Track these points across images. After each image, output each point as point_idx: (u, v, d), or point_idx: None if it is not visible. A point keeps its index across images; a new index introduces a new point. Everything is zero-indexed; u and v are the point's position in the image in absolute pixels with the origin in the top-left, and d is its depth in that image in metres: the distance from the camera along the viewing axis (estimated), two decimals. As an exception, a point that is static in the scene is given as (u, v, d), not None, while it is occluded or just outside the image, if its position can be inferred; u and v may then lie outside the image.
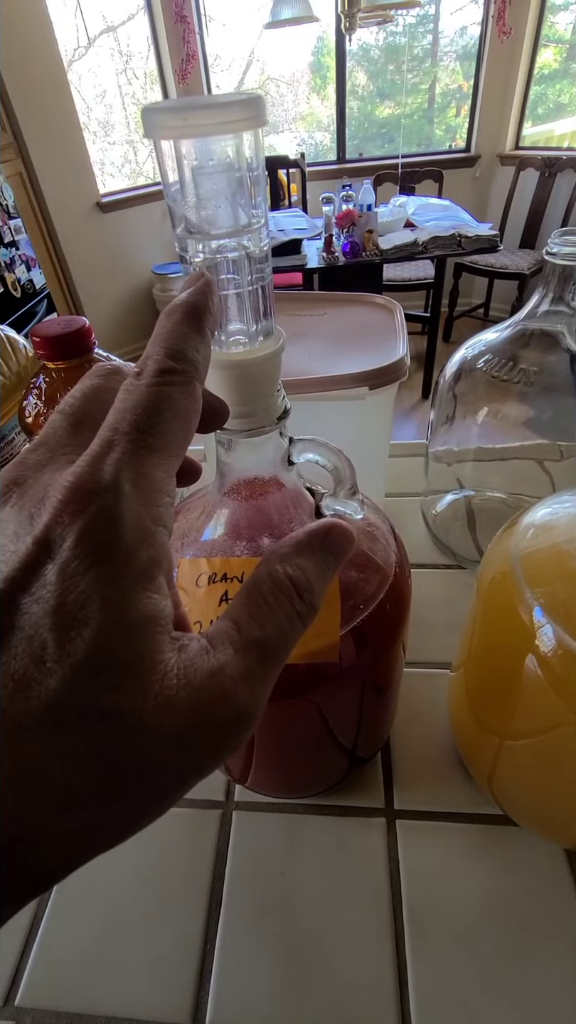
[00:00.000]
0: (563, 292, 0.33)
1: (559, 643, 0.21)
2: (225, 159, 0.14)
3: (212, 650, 0.12)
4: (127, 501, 0.11)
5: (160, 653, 0.11)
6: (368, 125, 2.95)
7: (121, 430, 0.12)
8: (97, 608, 0.10)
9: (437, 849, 0.29)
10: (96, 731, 0.10)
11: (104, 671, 0.10)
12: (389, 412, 0.35)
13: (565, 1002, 0.24)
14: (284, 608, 0.13)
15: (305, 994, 0.25)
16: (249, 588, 0.13)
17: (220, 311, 0.15)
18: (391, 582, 0.24)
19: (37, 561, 0.10)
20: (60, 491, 0.11)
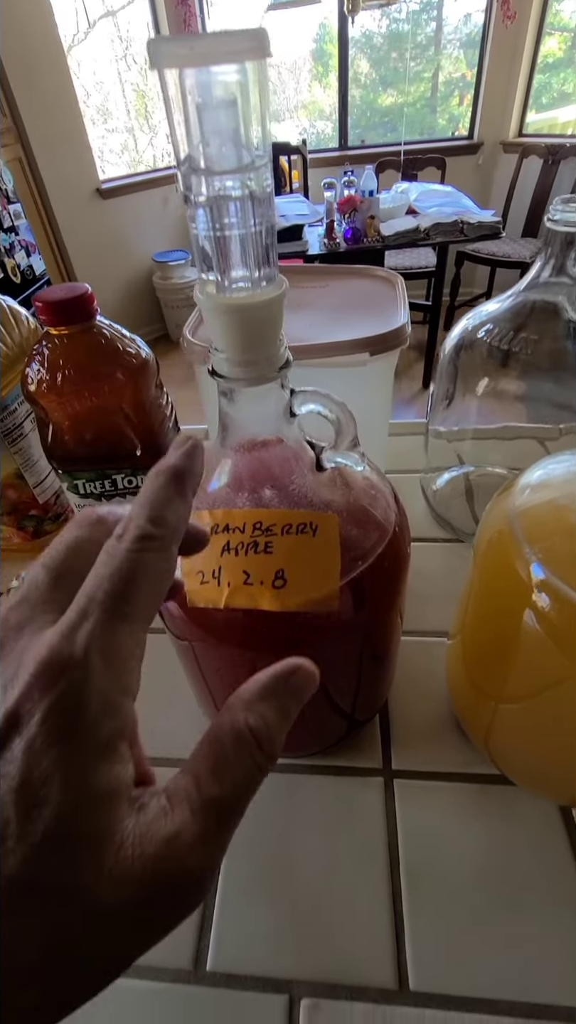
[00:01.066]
0: (564, 261, 0.33)
1: (559, 596, 0.21)
2: (229, 94, 0.14)
3: (171, 811, 0.12)
4: (95, 676, 0.11)
5: (118, 823, 0.11)
6: (370, 114, 2.91)
7: (96, 599, 0.12)
8: (58, 786, 0.11)
9: (434, 807, 0.30)
10: (51, 910, 0.10)
11: (63, 849, 0.10)
12: (389, 380, 0.35)
13: (557, 954, 0.25)
14: (244, 762, 0.13)
15: (304, 945, 0.26)
16: (211, 738, 0.13)
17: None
18: (390, 540, 0.24)
19: (6, 735, 0.11)
20: (32, 664, 0.11)
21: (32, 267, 1.89)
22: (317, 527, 0.21)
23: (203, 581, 0.22)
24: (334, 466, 0.23)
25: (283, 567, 0.21)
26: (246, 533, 0.21)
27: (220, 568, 0.21)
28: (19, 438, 0.40)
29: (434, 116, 2.90)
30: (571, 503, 0.22)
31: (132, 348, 0.36)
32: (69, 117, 2.27)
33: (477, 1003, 0.24)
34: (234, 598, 0.21)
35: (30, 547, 0.46)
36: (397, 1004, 0.24)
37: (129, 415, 0.36)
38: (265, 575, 0.21)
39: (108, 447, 0.38)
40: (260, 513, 0.22)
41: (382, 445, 0.39)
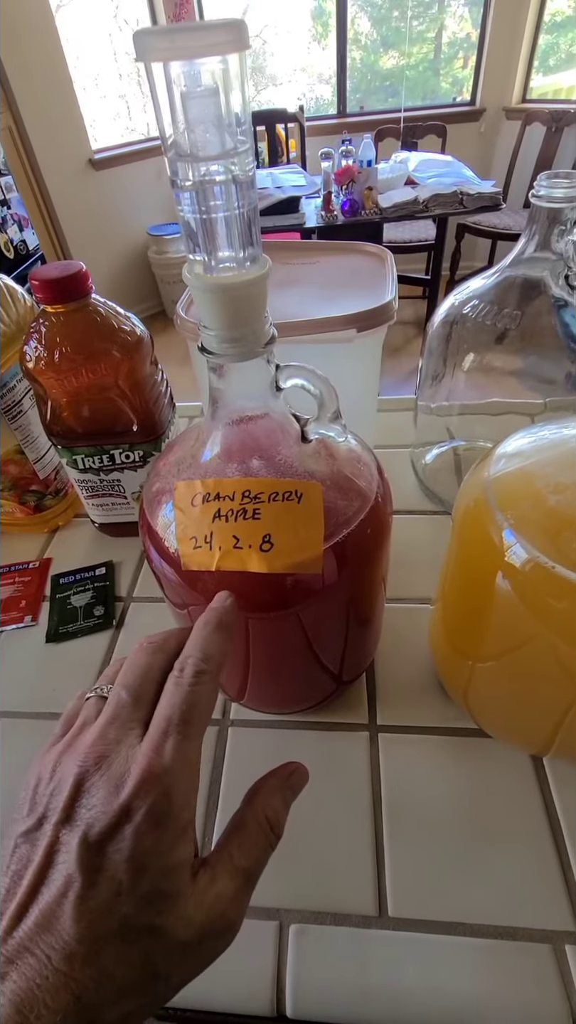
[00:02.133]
0: (548, 237, 0.34)
1: (528, 560, 0.23)
2: (211, 83, 0.15)
3: (215, 879, 0.17)
4: (178, 781, 0.16)
5: (186, 886, 0.16)
6: (371, 77, 2.81)
7: (173, 722, 0.17)
8: (155, 858, 0.15)
9: (416, 757, 0.32)
10: (145, 943, 0.15)
11: (156, 902, 0.15)
12: (377, 357, 0.36)
13: (527, 883, 0.27)
14: (261, 842, 0.18)
15: (293, 878, 0.28)
16: (238, 824, 0.19)
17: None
18: (372, 507, 0.25)
19: (119, 822, 0.15)
20: (137, 773, 0.16)
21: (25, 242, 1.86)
22: (302, 495, 0.23)
23: (196, 546, 0.23)
24: (318, 438, 0.24)
25: (270, 532, 0.23)
26: (235, 501, 0.23)
27: (212, 534, 0.23)
28: (19, 415, 0.41)
29: (437, 79, 2.80)
30: (539, 470, 0.24)
31: (127, 326, 0.37)
32: (59, 83, 2.20)
33: (453, 926, 0.26)
34: (225, 561, 0.23)
35: (32, 521, 0.48)
36: (377, 928, 0.26)
37: (125, 392, 0.37)
38: (253, 539, 0.22)
39: (105, 423, 0.39)
40: (248, 482, 0.23)
41: (371, 419, 0.40)
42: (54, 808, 0.17)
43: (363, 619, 0.31)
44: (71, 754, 0.18)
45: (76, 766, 0.17)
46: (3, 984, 0.14)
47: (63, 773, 0.17)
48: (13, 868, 0.16)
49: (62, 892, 0.15)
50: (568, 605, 0.22)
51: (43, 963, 0.14)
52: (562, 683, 0.26)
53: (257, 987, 0.25)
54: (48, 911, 0.15)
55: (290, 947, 0.26)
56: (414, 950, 0.26)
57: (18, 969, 0.14)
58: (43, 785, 0.18)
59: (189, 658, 0.19)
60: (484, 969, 0.25)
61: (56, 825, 0.16)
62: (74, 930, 0.14)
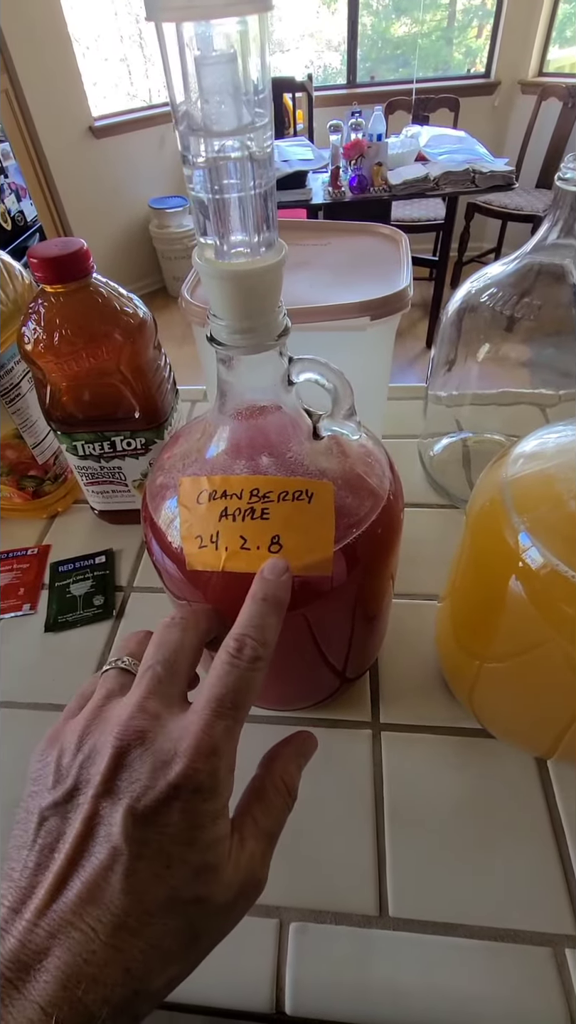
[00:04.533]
0: (573, 222, 0.32)
1: (543, 565, 0.22)
2: (229, 49, 0.14)
3: (244, 843, 0.17)
4: (224, 762, 0.16)
5: (226, 854, 0.16)
6: (382, 45, 2.70)
7: (226, 704, 0.17)
8: (201, 833, 0.16)
9: (419, 756, 0.32)
10: (190, 911, 0.15)
11: (202, 873, 0.16)
12: (389, 345, 0.34)
13: (527, 886, 0.27)
14: (280, 805, 0.19)
15: (294, 876, 0.28)
16: (258, 790, 0.19)
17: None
18: (384, 507, 0.24)
19: (168, 798, 0.16)
20: (189, 753, 0.16)
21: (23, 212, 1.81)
22: (313, 494, 0.22)
23: (201, 545, 0.22)
24: (330, 434, 0.23)
25: (279, 533, 0.22)
26: (243, 499, 0.22)
27: (218, 533, 0.22)
28: (16, 398, 0.40)
29: (450, 49, 2.69)
30: (560, 473, 0.23)
31: (130, 308, 0.35)
32: (58, 43, 2.11)
33: (453, 927, 0.26)
34: (232, 562, 0.22)
35: (30, 507, 0.47)
36: (377, 928, 0.26)
37: (127, 377, 0.36)
38: (261, 540, 0.22)
39: (106, 409, 0.38)
40: (257, 480, 0.22)
41: (380, 410, 0.39)
42: (88, 780, 0.16)
43: (370, 618, 0.30)
44: (102, 726, 0.18)
45: (115, 738, 0.17)
46: (47, 960, 0.13)
47: (96, 745, 0.17)
48: (42, 841, 0.16)
49: (107, 865, 0.15)
50: (586, 613, 0.22)
51: (90, 937, 0.14)
52: (572, 688, 0.25)
53: (257, 984, 0.25)
54: (93, 884, 0.15)
55: (290, 945, 0.26)
56: (414, 950, 0.26)
57: (62, 944, 0.14)
58: (68, 756, 0.17)
59: (248, 638, 0.18)
60: (483, 971, 0.25)
61: (95, 798, 0.16)
62: (123, 902, 0.14)
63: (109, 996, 0.14)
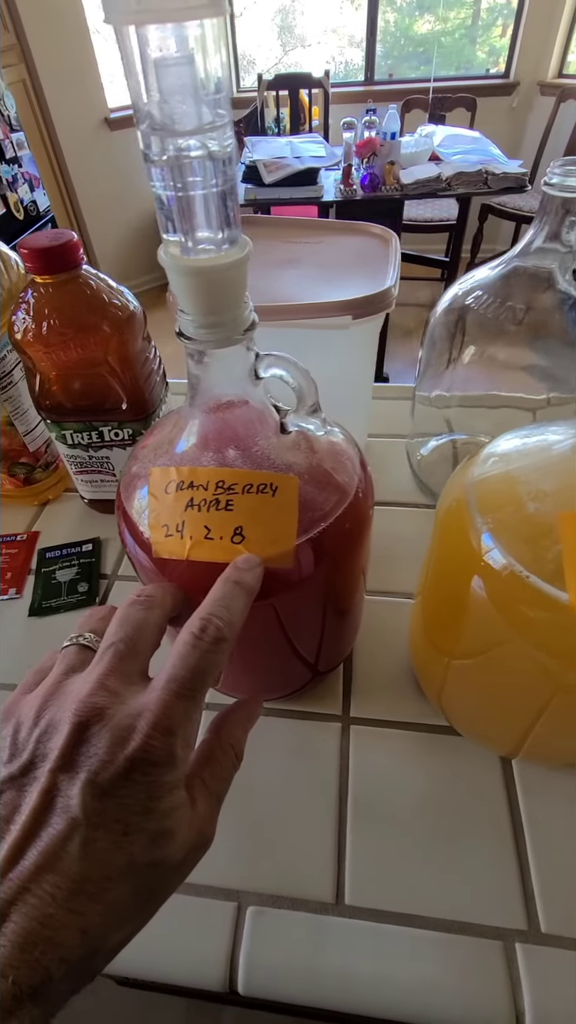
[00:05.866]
0: (559, 227, 0.32)
1: (504, 566, 0.23)
2: (187, 51, 0.14)
3: (196, 804, 0.18)
4: (180, 740, 0.17)
5: (182, 820, 0.17)
6: (404, 42, 2.67)
7: (185, 685, 0.18)
8: (158, 802, 0.16)
9: (386, 751, 0.32)
10: (147, 873, 0.16)
11: (158, 838, 0.16)
12: (373, 344, 0.35)
13: (485, 881, 0.28)
14: (228, 768, 0.20)
15: (255, 862, 0.29)
16: (208, 754, 0.20)
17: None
18: (351, 503, 0.25)
19: (126, 772, 0.16)
20: (146, 730, 0.17)
21: (36, 203, 1.82)
22: (277, 488, 0.22)
23: (168, 534, 0.23)
24: (297, 429, 0.23)
25: (242, 524, 0.22)
26: (209, 490, 0.22)
27: (184, 522, 0.23)
28: (8, 386, 0.41)
29: (473, 48, 2.66)
30: (521, 475, 0.23)
31: (119, 300, 0.36)
32: (76, 33, 2.11)
33: (407, 918, 0.27)
34: (196, 551, 0.22)
35: (21, 494, 0.48)
36: (333, 915, 0.27)
37: (115, 368, 0.37)
38: (225, 531, 0.22)
39: (94, 399, 0.38)
40: (223, 472, 0.23)
41: (365, 408, 0.39)
42: (46, 755, 0.17)
43: (340, 612, 0.31)
44: (60, 700, 0.18)
45: (73, 714, 0.17)
46: (4, 926, 0.14)
47: (53, 719, 0.18)
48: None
49: (65, 835, 0.15)
50: (540, 614, 0.22)
51: (47, 902, 0.14)
52: (533, 689, 0.26)
53: (212, 963, 0.26)
54: (50, 852, 0.15)
55: (246, 928, 0.27)
56: (367, 938, 0.26)
57: (19, 910, 0.14)
58: (24, 731, 0.18)
59: (213, 618, 0.19)
60: (434, 961, 0.26)
61: (53, 771, 0.16)
62: (80, 868, 0.15)
63: (67, 956, 0.14)
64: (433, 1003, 0.25)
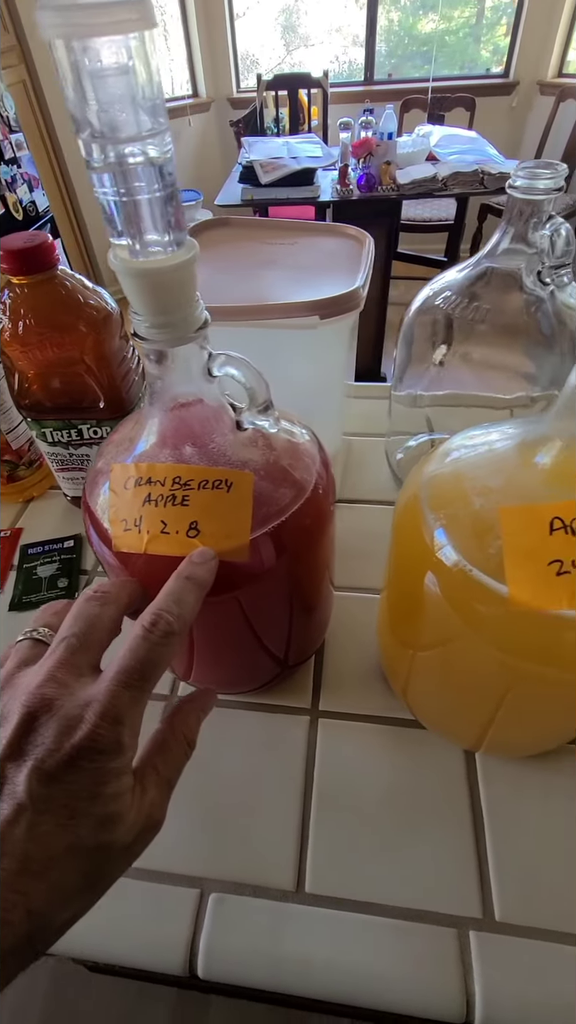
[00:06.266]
0: (525, 229, 0.33)
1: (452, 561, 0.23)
2: (121, 62, 0.15)
3: (146, 790, 0.19)
4: (128, 729, 0.18)
5: (129, 804, 0.18)
6: (408, 41, 2.67)
7: (134, 676, 0.18)
8: (105, 787, 0.17)
9: (352, 744, 0.33)
10: (93, 855, 0.17)
11: (105, 822, 0.17)
12: (344, 343, 0.35)
13: (443, 871, 0.28)
14: (181, 756, 0.21)
15: (219, 850, 0.29)
16: (160, 743, 0.21)
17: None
18: (308, 499, 0.25)
19: (72, 760, 0.17)
20: (93, 720, 0.17)
21: (35, 203, 1.83)
22: (232, 484, 0.23)
23: (126, 528, 0.24)
24: (254, 427, 0.24)
25: (198, 519, 0.23)
26: (166, 486, 0.23)
27: (141, 517, 0.23)
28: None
29: (477, 47, 2.65)
30: (468, 471, 0.24)
31: (95, 300, 0.36)
32: (77, 36, 2.12)
33: (365, 906, 0.27)
34: (152, 545, 0.23)
35: (5, 491, 0.49)
36: (293, 902, 0.28)
37: (91, 367, 0.37)
38: (180, 525, 0.23)
39: (73, 398, 0.39)
40: (179, 468, 0.23)
41: (338, 407, 0.40)
42: None
43: (305, 606, 0.31)
44: (11, 692, 0.19)
45: (22, 705, 0.18)
46: None
47: (3, 711, 0.18)
48: None
49: (11, 819, 0.16)
50: (488, 609, 0.22)
51: None
52: (490, 682, 0.26)
53: (173, 948, 0.26)
54: None
55: (208, 914, 0.27)
56: (325, 925, 0.27)
57: None
58: None
59: (164, 613, 0.19)
60: (390, 947, 0.26)
61: (1, 760, 0.17)
62: (25, 849, 0.16)
63: (12, 933, 0.15)
64: (386, 988, 0.25)
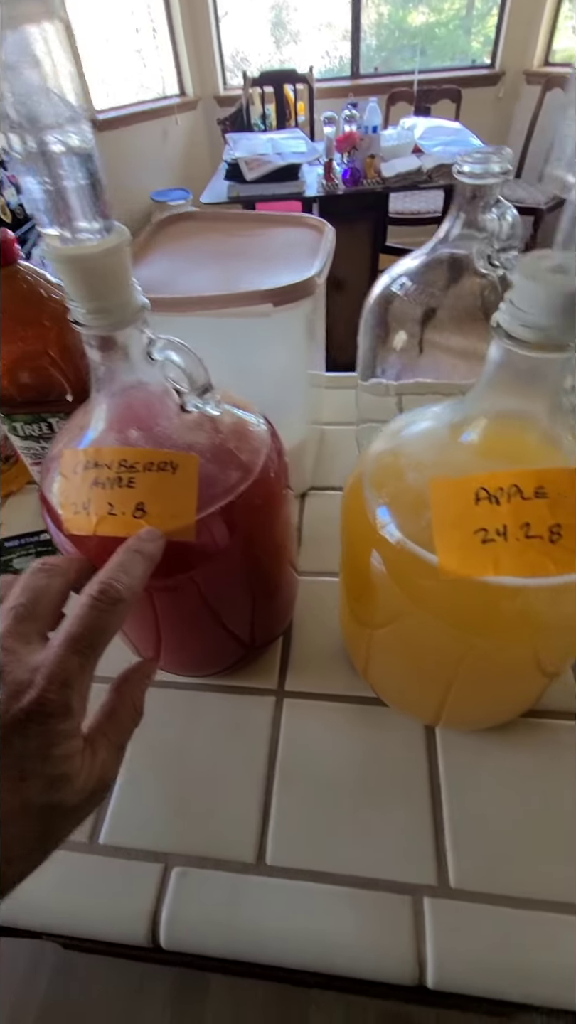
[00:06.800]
0: (474, 214, 0.33)
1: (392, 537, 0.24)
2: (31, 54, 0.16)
3: (96, 753, 0.20)
4: (76, 693, 0.18)
5: (79, 766, 0.18)
6: (399, 35, 2.66)
7: (82, 642, 0.19)
8: (54, 749, 0.18)
9: (316, 722, 0.34)
10: (44, 815, 0.18)
11: (55, 783, 0.18)
12: (301, 331, 0.36)
13: (396, 841, 0.29)
14: (130, 723, 0.22)
15: (182, 826, 0.30)
16: (109, 712, 0.22)
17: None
18: (258, 481, 0.26)
19: (20, 723, 0.17)
20: (41, 684, 0.18)
21: (23, 206, 1.83)
22: (177, 465, 0.24)
23: (76, 511, 0.24)
24: (197, 410, 0.25)
25: (143, 500, 0.23)
26: (112, 469, 0.24)
27: (90, 500, 0.24)
28: (-39, 380, 0.42)
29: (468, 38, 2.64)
30: (403, 447, 0.24)
31: (57, 294, 0.37)
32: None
33: (323, 875, 0.28)
34: (100, 527, 0.24)
35: (-17, 486, 0.49)
36: (252, 874, 0.28)
37: (56, 360, 0.38)
38: (127, 507, 0.23)
39: (40, 391, 0.40)
40: (125, 451, 0.24)
41: (301, 396, 0.40)
42: None
43: (266, 589, 0.32)
44: None
45: None
46: None
47: None
48: None
49: None
50: (427, 582, 0.23)
51: None
52: (441, 655, 0.27)
53: (135, 920, 0.27)
54: None
55: (171, 887, 0.28)
56: (284, 895, 0.28)
57: None
58: None
59: (112, 582, 0.20)
60: (345, 915, 0.27)
61: None
62: None
63: None
64: (339, 953, 0.26)
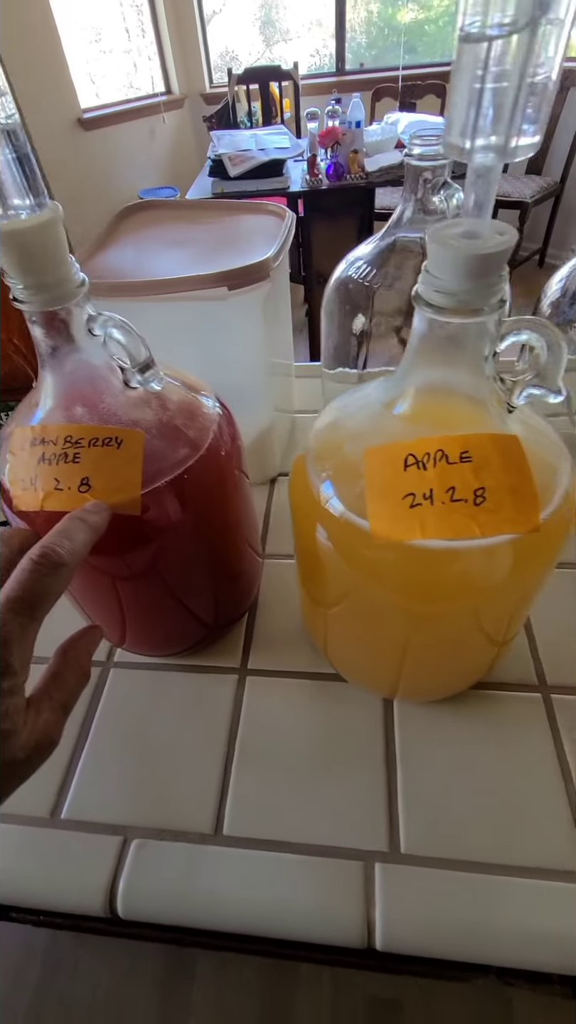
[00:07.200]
0: (423, 196, 0.34)
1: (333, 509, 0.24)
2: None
3: (41, 712, 0.20)
4: (17, 652, 0.19)
5: (22, 723, 0.19)
6: (388, 32, 2.67)
7: (22, 604, 0.19)
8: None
9: (277, 698, 0.34)
10: None
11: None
12: (258, 316, 0.36)
13: (350, 809, 0.30)
14: (75, 684, 0.22)
15: (142, 800, 0.31)
16: (55, 674, 0.22)
17: None
18: (205, 457, 0.27)
19: None
20: None
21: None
22: (122, 441, 0.24)
23: (24, 488, 0.25)
24: (140, 386, 0.25)
25: (88, 475, 0.24)
26: (58, 445, 0.24)
27: (37, 476, 0.24)
28: None
29: (457, 34, 2.65)
30: (340, 419, 0.25)
31: (18, 281, 0.37)
32: (45, 36, 2.12)
33: (278, 844, 0.29)
34: (48, 502, 0.24)
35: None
36: (210, 844, 0.29)
37: (20, 347, 0.38)
38: (72, 482, 0.24)
39: (5, 379, 0.40)
40: (71, 428, 0.24)
41: (261, 381, 0.41)
42: None
43: (224, 568, 0.33)
44: None
45: None
46: None
47: None
48: None
49: None
50: (366, 550, 0.24)
51: None
52: (391, 626, 0.27)
53: (93, 891, 0.28)
54: None
55: (129, 858, 0.29)
56: (239, 864, 0.28)
57: None
58: None
59: (54, 547, 0.21)
60: (299, 881, 0.27)
61: None
62: None
63: None
64: (291, 919, 0.27)
